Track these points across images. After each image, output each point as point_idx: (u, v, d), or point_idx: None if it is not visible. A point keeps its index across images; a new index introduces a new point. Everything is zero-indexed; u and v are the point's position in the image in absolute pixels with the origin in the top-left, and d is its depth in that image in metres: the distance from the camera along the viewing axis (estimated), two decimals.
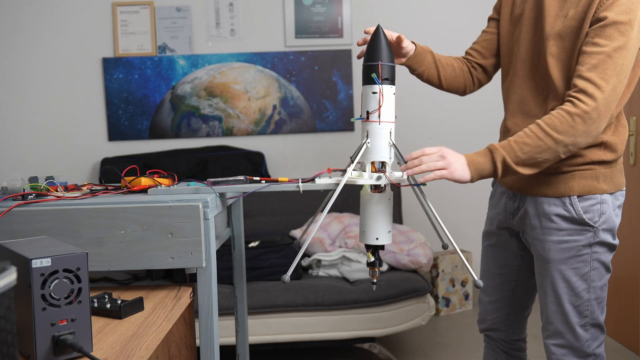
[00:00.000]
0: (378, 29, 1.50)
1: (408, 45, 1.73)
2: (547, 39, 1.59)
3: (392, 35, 1.68)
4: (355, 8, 3.67)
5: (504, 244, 1.82)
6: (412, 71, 1.80)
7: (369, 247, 1.53)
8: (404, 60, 1.76)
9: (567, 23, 1.56)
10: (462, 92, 1.89)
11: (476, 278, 1.40)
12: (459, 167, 1.48)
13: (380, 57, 1.46)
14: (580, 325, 1.64)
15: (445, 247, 1.60)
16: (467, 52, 1.90)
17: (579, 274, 1.62)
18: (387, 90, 1.46)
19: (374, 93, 1.46)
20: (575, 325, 1.64)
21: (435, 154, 1.48)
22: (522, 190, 1.68)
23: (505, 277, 1.84)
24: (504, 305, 1.87)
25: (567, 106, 1.48)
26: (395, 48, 1.72)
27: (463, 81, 1.85)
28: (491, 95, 3.73)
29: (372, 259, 1.52)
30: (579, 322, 1.64)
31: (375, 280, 1.56)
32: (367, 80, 1.47)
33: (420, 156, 1.47)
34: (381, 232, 1.49)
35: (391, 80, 1.47)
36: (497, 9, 1.82)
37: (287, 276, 1.35)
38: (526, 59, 1.67)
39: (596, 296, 1.64)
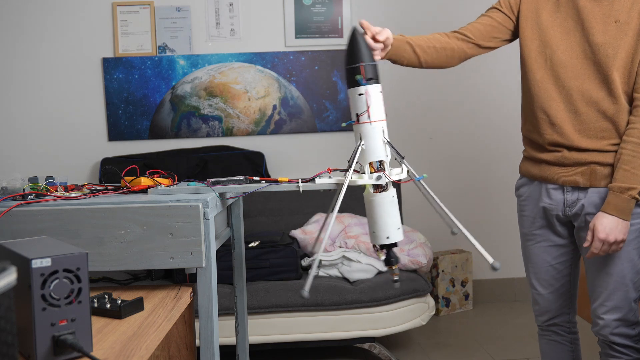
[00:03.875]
0: (354, 32, 1.48)
1: (387, 39, 1.70)
2: (601, 44, 1.76)
3: (371, 32, 1.64)
4: (355, 8, 3.66)
5: (555, 235, 1.95)
6: (393, 62, 1.86)
7: (382, 247, 1.53)
8: (383, 55, 1.75)
9: (622, 27, 1.74)
10: (443, 68, 1.97)
11: (491, 260, 1.35)
12: (622, 227, 1.72)
13: (360, 58, 1.44)
14: (634, 299, 1.85)
15: (454, 233, 1.57)
16: (464, 28, 1.95)
17: (639, 253, 1.83)
18: (374, 89, 1.45)
19: (360, 95, 1.45)
20: (632, 299, 1.84)
21: (608, 243, 1.73)
22: (585, 184, 1.84)
23: (563, 265, 1.98)
24: (562, 293, 2.00)
25: None
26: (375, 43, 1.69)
27: (445, 59, 1.92)
28: (490, 96, 3.74)
29: (383, 257, 1.52)
30: (634, 296, 1.84)
31: (396, 278, 1.55)
32: (352, 83, 1.46)
33: (603, 247, 1.74)
34: (391, 230, 1.49)
35: (375, 79, 1.46)
36: (512, 10, 1.92)
37: (305, 291, 1.29)
38: (568, 62, 1.82)
39: None
